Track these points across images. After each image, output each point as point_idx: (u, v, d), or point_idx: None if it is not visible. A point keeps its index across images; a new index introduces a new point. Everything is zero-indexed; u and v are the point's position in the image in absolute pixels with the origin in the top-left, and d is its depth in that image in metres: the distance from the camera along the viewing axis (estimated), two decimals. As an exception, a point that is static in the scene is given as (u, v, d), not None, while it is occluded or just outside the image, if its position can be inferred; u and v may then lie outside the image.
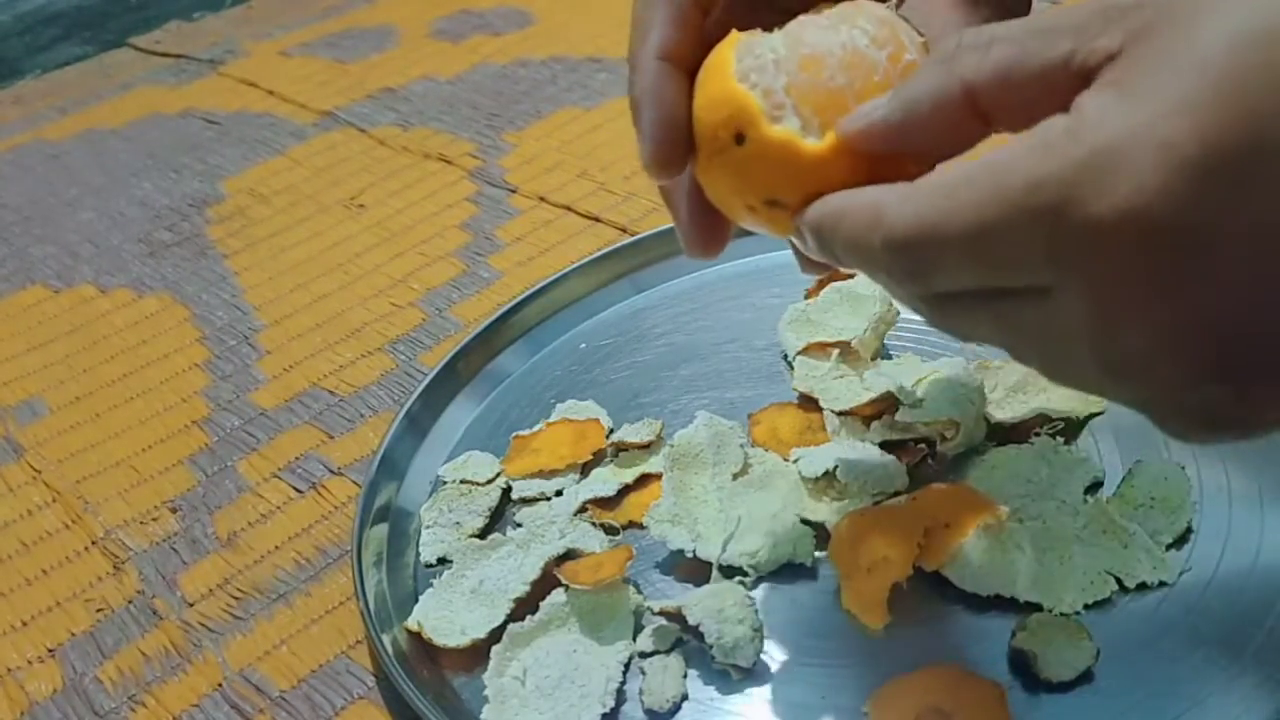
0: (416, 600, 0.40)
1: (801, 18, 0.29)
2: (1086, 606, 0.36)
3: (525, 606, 0.39)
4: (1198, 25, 0.22)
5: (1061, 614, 0.36)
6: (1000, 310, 0.25)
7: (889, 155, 0.27)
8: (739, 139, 0.29)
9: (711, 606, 0.36)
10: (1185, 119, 0.21)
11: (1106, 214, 0.21)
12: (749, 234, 0.41)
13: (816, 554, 0.39)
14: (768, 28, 0.30)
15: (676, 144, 0.31)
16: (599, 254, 0.55)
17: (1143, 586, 0.36)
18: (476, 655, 0.38)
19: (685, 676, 0.36)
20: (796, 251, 0.34)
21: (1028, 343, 0.26)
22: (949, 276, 0.25)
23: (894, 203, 0.25)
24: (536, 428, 0.47)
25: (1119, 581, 0.36)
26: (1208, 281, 0.22)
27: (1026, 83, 0.24)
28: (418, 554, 0.43)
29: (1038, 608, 0.36)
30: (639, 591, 0.39)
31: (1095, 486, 0.40)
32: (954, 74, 0.25)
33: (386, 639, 0.38)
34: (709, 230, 0.33)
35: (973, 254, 0.24)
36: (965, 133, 0.26)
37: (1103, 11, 0.23)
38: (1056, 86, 0.24)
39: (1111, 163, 0.21)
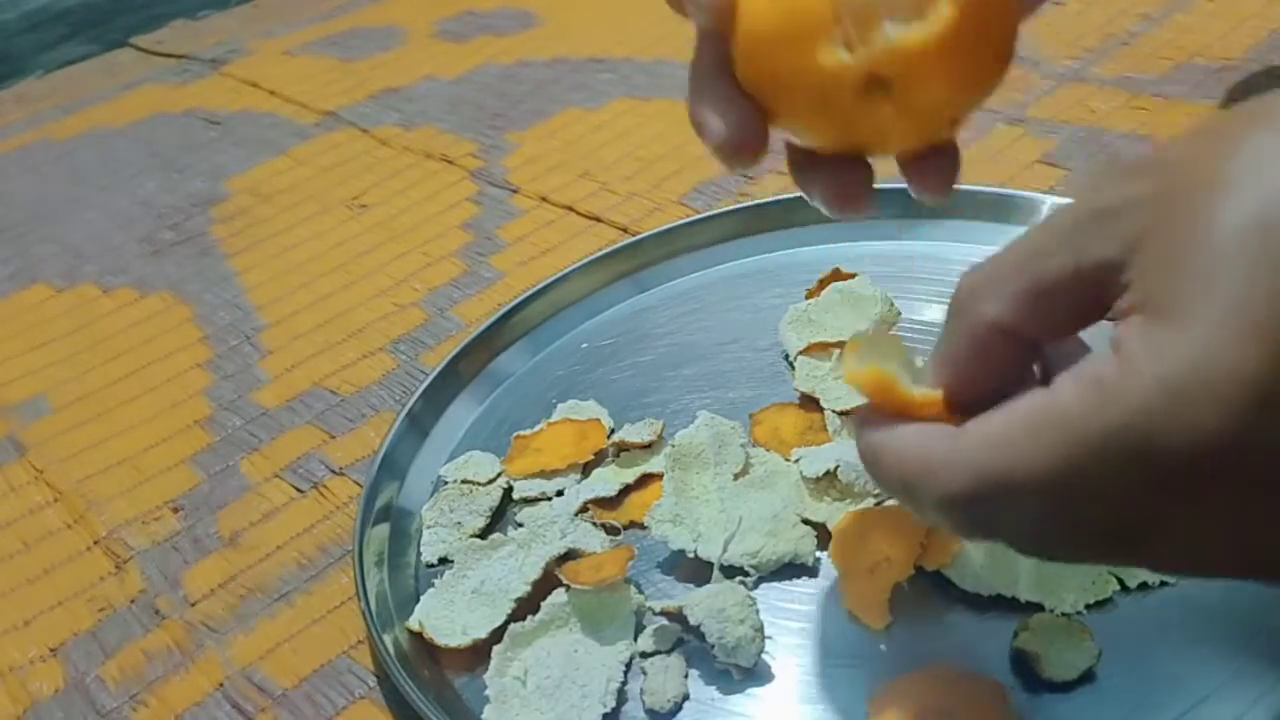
0: (418, 600, 0.40)
1: None
2: (1088, 606, 0.36)
3: (527, 606, 0.39)
4: (1202, 223, 0.21)
5: (1063, 614, 0.36)
6: (1091, 535, 0.24)
7: None
8: None
9: (713, 606, 0.36)
10: (1240, 337, 0.21)
11: (1191, 447, 0.21)
12: (749, 234, 0.41)
13: (817, 554, 0.39)
14: None
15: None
16: (601, 254, 0.55)
17: (1144, 586, 0.36)
18: (478, 655, 0.38)
19: (686, 676, 0.36)
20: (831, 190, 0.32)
21: (1129, 554, 0.25)
22: (1023, 523, 0.24)
23: (943, 459, 0.25)
24: (538, 428, 0.47)
25: (1120, 581, 0.36)
26: None
27: (1040, 302, 0.24)
28: (419, 554, 0.43)
29: (1039, 608, 0.36)
30: (640, 591, 0.39)
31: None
32: (977, 321, 0.25)
33: (388, 639, 0.38)
34: (749, 122, 0.30)
35: (1050, 502, 0.23)
36: (1014, 355, 0.26)
37: (1088, 220, 0.23)
38: (1068, 296, 0.24)
39: (1183, 397, 0.21)
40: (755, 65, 0.29)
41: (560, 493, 0.44)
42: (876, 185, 0.32)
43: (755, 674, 0.36)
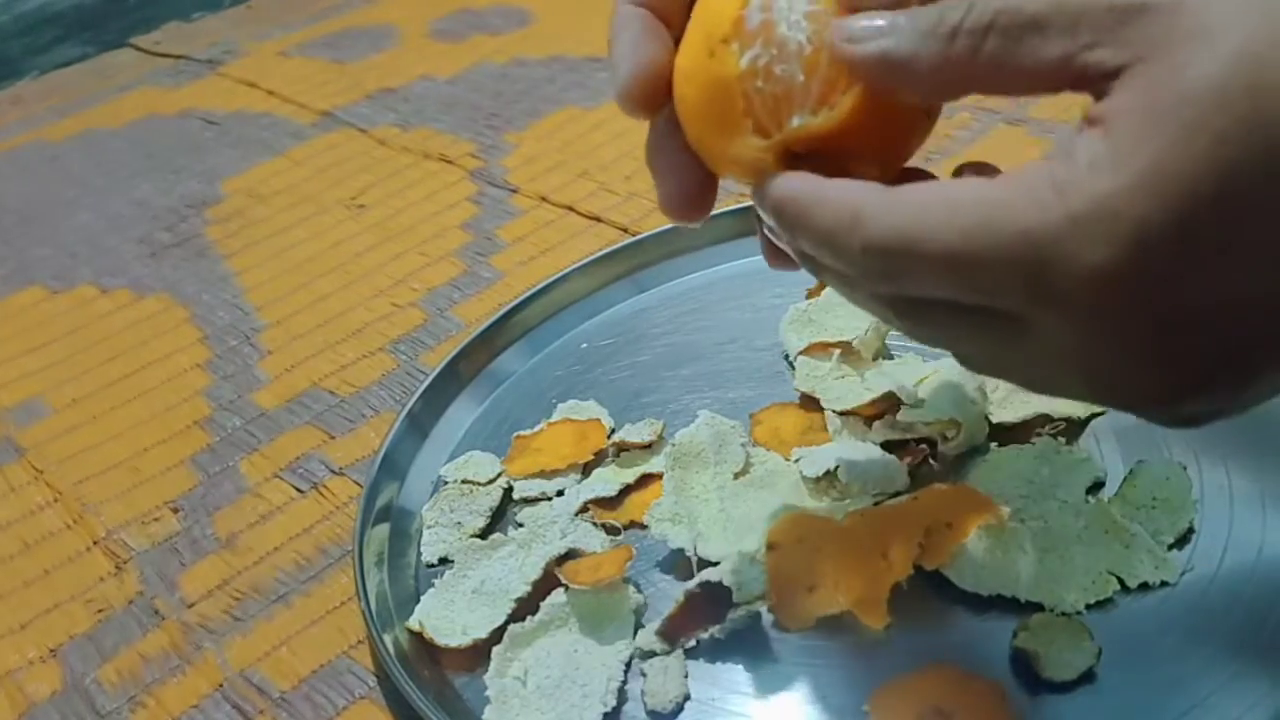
0: (418, 600, 0.40)
1: None
2: (1088, 606, 0.36)
3: (527, 606, 0.39)
4: (1186, 67, 0.22)
5: (1063, 614, 0.36)
6: (971, 323, 0.26)
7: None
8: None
9: (725, 569, 0.37)
10: (1166, 187, 0.22)
11: (1086, 274, 0.23)
12: (749, 234, 0.41)
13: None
14: None
15: (651, 77, 0.31)
16: (600, 254, 0.55)
17: (1144, 586, 0.36)
18: (478, 655, 0.38)
19: (687, 677, 0.36)
20: (765, 241, 0.33)
21: (1003, 358, 0.27)
22: (921, 287, 0.26)
23: (875, 208, 0.26)
24: (538, 428, 0.47)
25: (1121, 582, 0.36)
26: (1180, 336, 0.24)
27: (1020, 76, 0.25)
28: (419, 554, 0.43)
29: (1039, 608, 0.36)
30: (639, 591, 0.39)
31: (1097, 487, 0.40)
32: (950, 57, 0.25)
33: (388, 639, 0.38)
34: (693, 187, 0.32)
35: (951, 275, 0.25)
36: (956, 92, 0.27)
37: (1102, 13, 0.24)
38: (1051, 80, 0.24)
39: (1094, 227, 0.23)
40: (691, 139, 0.31)
41: (560, 493, 0.44)
42: None
43: (755, 674, 0.36)
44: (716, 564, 0.38)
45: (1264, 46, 0.22)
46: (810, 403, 0.45)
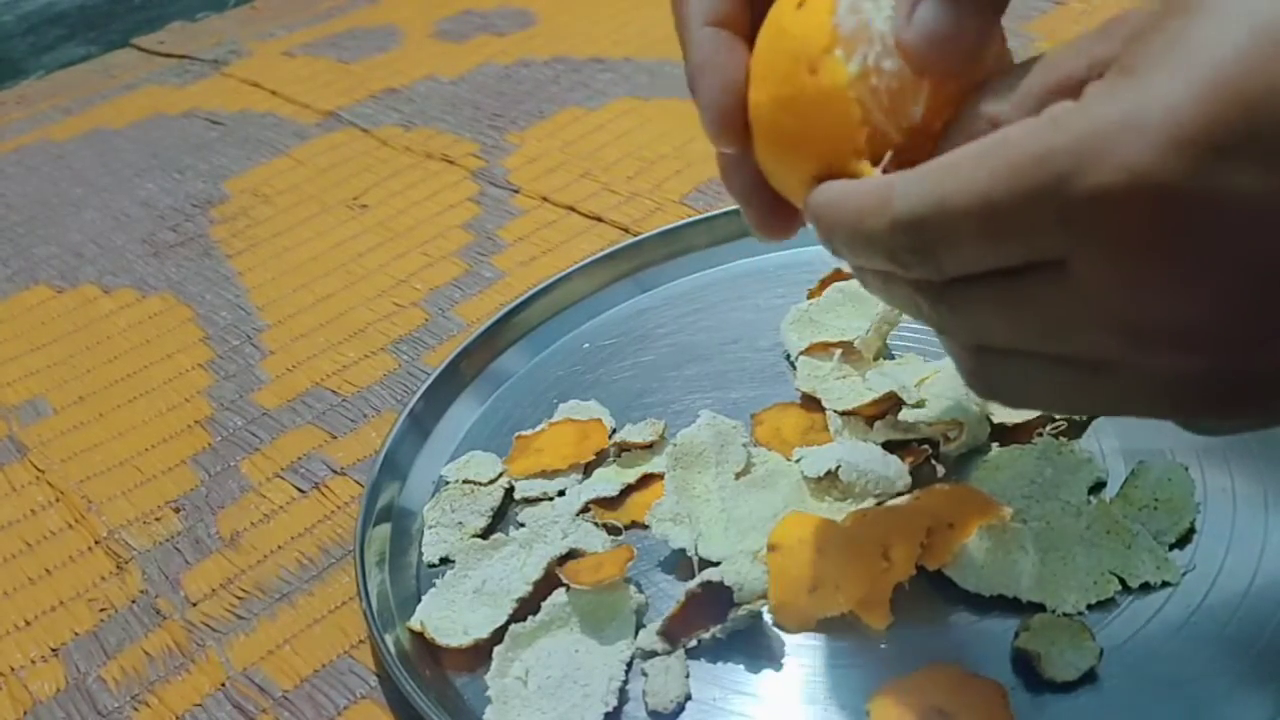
0: (419, 600, 0.40)
1: None
2: (1089, 607, 0.36)
3: (528, 606, 0.39)
4: (1202, 8, 0.22)
5: (1064, 614, 0.36)
6: (1011, 292, 0.25)
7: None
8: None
9: (726, 569, 0.37)
10: (1187, 90, 0.21)
11: (1113, 180, 0.22)
12: (750, 235, 0.41)
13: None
14: None
15: (738, 108, 0.30)
16: (602, 254, 0.55)
17: (1146, 587, 0.36)
18: (479, 655, 0.38)
19: (688, 677, 0.36)
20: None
21: (1038, 329, 0.25)
22: (958, 254, 0.25)
23: (903, 182, 0.25)
24: (539, 428, 0.47)
25: (1122, 582, 0.36)
26: (1219, 241, 0.22)
27: (1043, 100, 0.25)
28: (420, 554, 0.43)
29: (1040, 608, 0.36)
30: (641, 591, 0.39)
31: (1098, 487, 0.40)
32: (979, 116, 0.26)
33: (389, 639, 0.38)
34: (776, 207, 0.32)
35: (984, 227, 0.24)
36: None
37: (1097, 30, 0.24)
38: (1071, 96, 0.24)
39: (1117, 132, 0.22)
40: (775, 169, 0.30)
41: (562, 493, 0.44)
42: None
43: (756, 674, 0.36)
44: (718, 564, 0.38)
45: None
46: (812, 403, 0.45)
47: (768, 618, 0.37)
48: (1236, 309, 0.23)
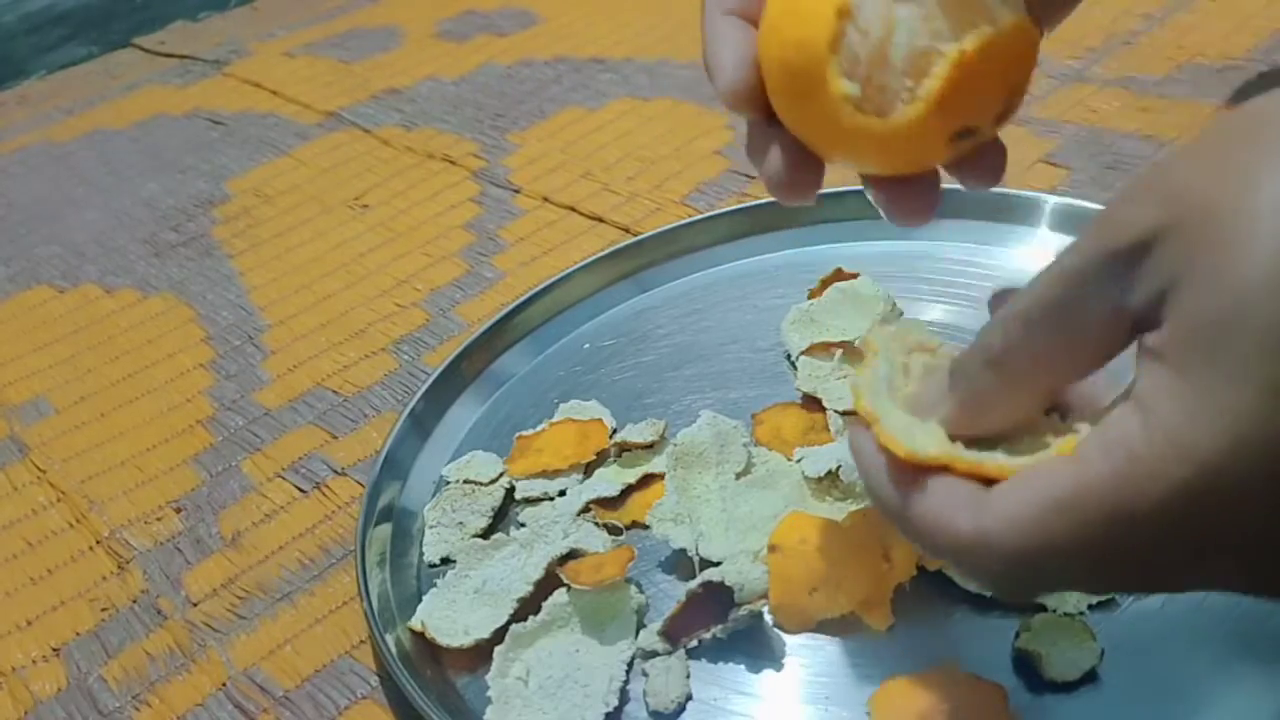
0: (420, 600, 0.40)
1: None
2: (1090, 607, 0.36)
3: (529, 606, 0.39)
4: (1229, 280, 0.21)
5: (1066, 614, 0.36)
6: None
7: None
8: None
9: (727, 569, 0.37)
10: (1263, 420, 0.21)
11: (1237, 527, 0.22)
12: (751, 234, 0.41)
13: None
14: None
15: (751, 76, 0.30)
16: (602, 254, 0.55)
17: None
18: (480, 655, 0.38)
19: (688, 677, 0.36)
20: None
21: None
22: (1059, 581, 0.26)
23: (972, 540, 0.25)
24: (540, 428, 0.47)
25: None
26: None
27: (1082, 354, 0.25)
28: (421, 554, 0.43)
29: (1042, 608, 0.36)
30: (641, 591, 0.39)
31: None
32: (1014, 379, 0.26)
33: (390, 639, 0.38)
34: (802, 169, 0.32)
35: (1089, 565, 0.24)
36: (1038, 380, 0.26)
37: (1116, 263, 0.23)
38: (1112, 334, 0.24)
39: (1219, 477, 0.21)
40: (799, 133, 0.31)
41: (562, 493, 0.44)
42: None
43: (757, 675, 0.36)
44: (718, 564, 0.38)
45: None
46: (812, 403, 0.45)
47: (768, 618, 0.37)
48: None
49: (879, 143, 0.29)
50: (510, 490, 0.44)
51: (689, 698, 0.36)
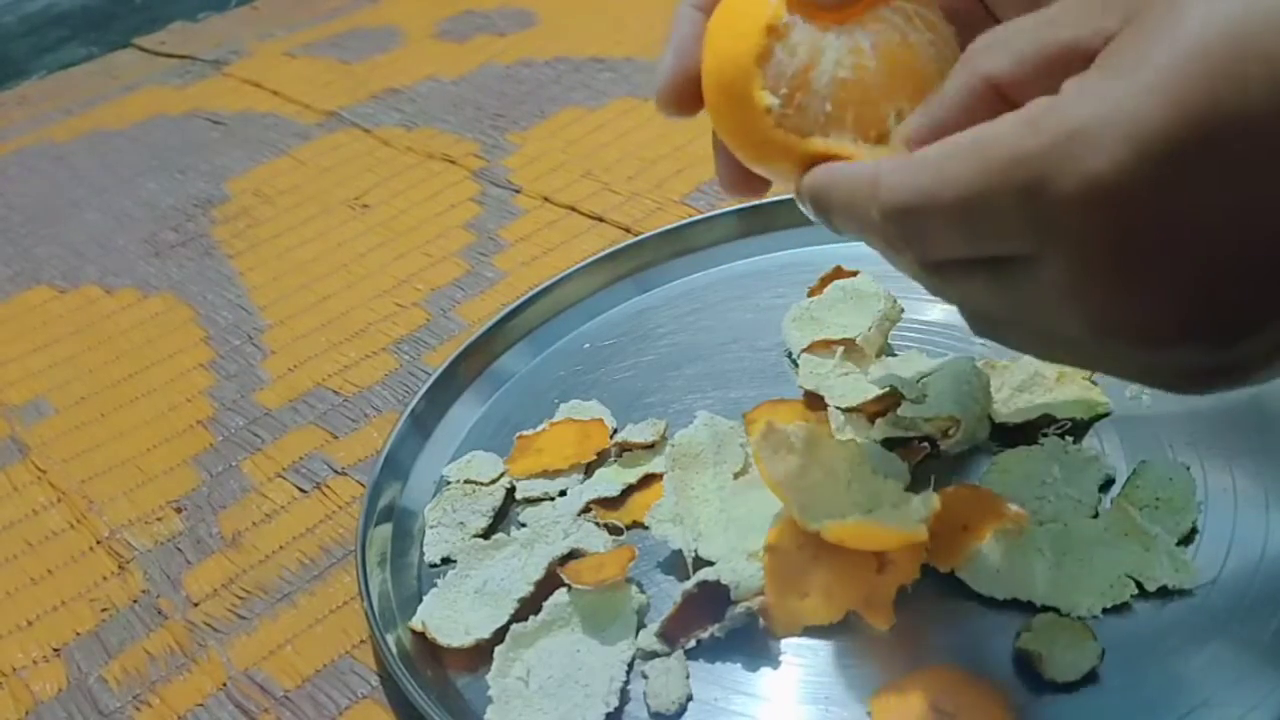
0: (420, 600, 0.40)
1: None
2: (1105, 610, 0.36)
3: (529, 606, 0.39)
4: (1186, 7, 0.23)
5: (1066, 615, 0.35)
6: (992, 276, 0.26)
7: None
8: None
9: (722, 567, 0.37)
10: (1153, 98, 0.22)
11: (1077, 188, 0.23)
12: (751, 234, 0.41)
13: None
14: None
15: (684, 77, 0.32)
16: (603, 254, 0.55)
17: (1163, 591, 0.36)
18: (480, 655, 0.38)
19: (688, 678, 0.36)
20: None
21: (1019, 310, 0.27)
22: (942, 244, 0.26)
23: (891, 173, 0.26)
24: (540, 428, 0.47)
25: (1139, 585, 0.36)
26: (1174, 250, 0.23)
27: (1041, 67, 0.25)
28: (422, 554, 0.43)
29: (1054, 611, 0.36)
30: (642, 591, 0.39)
31: (1108, 484, 0.40)
32: (975, 72, 0.26)
33: (390, 639, 0.38)
34: (745, 169, 0.33)
35: (962, 223, 0.25)
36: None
37: None
38: (1069, 68, 0.25)
39: (1083, 140, 0.23)
40: (725, 140, 0.33)
41: (563, 493, 0.44)
42: None
43: (757, 675, 0.36)
44: (715, 564, 0.38)
45: None
46: (814, 400, 0.45)
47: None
48: (1196, 310, 0.24)
49: (795, 160, 0.30)
50: (511, 490, 0.44)
51: (689, 698, 0.36)
